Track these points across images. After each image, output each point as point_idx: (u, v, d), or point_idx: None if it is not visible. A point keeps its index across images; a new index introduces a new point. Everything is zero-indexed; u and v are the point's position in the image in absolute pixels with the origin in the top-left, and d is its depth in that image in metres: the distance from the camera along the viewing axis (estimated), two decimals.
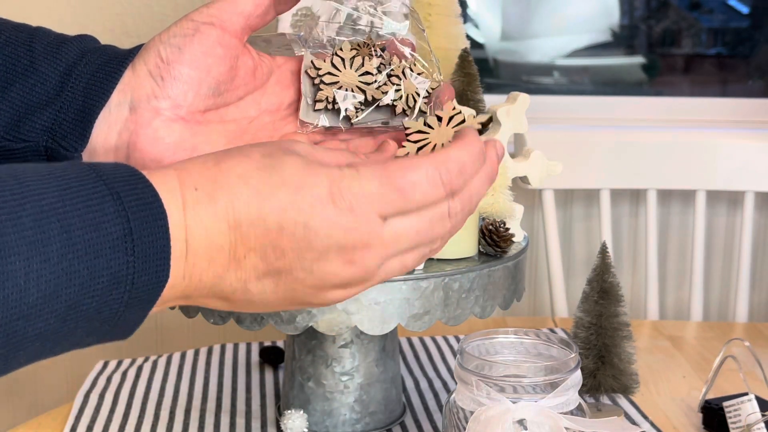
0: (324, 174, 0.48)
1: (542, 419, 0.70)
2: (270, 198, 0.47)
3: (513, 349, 0.78)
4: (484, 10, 1.96)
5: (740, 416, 0.91)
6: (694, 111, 1.69)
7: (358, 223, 0.48)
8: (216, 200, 0.46)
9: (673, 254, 1.66)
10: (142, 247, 0.44)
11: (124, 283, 0.43)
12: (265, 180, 0.47)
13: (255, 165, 0.47)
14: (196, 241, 0.46)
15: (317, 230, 0.47)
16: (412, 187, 0.49)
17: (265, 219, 0.47)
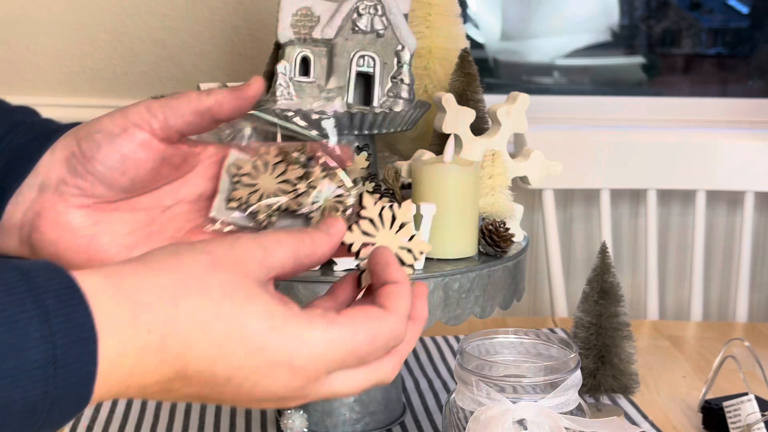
0: (290, 336, 0.47)
1: (542, 419, 0.70)
2: (227, 355, 0.45)
3: (513, 349, 0.78)
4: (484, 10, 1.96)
5: (740, 416, 0.91)
6: (694, 111, 1.69)
7: (306, 383, 0.48)
8: (167, 348, 0.44)
9: (673, 254, 1.66)
10: (64, 375, 0.41)
11: (40, 412, 0.41)
12: (225, 333, 0.45)
13: (215, 311, 0.45)
14: (131, 378, 0.44)
15: (265, 388, 0.47)
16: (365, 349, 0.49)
17: (216, 373, 0.46)
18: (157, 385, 0.45)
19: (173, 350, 0.45)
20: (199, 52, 1.50)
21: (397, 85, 0.95)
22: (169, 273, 0.46)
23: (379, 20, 0.95)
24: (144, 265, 0.46)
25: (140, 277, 0.45)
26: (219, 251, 0.48)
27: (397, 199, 0.92)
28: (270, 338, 0.46)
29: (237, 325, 0.46)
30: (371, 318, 0.50)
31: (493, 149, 0.96)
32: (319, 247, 0.52)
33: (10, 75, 1.52)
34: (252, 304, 0.47)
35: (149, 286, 0.45)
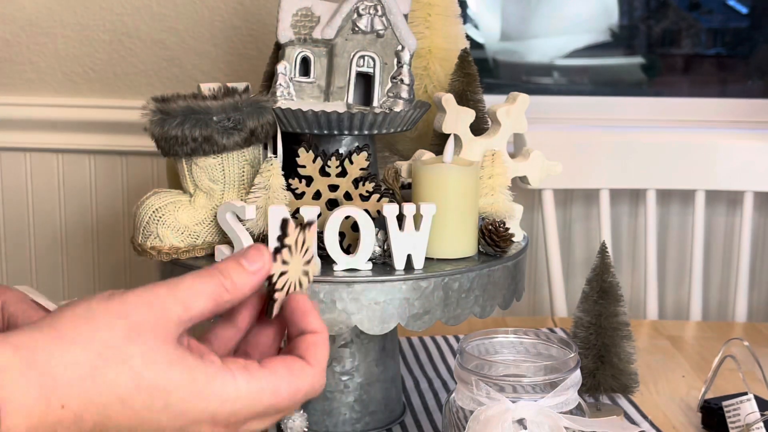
0: (213, 400, 0.46)
1: (542, 419, 0.70)
2: (150, 422, 0.45)
3: (513, 349, 0.78)
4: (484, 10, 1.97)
5: (739, 416, 0.91)
6: (693, 111, 1.69)
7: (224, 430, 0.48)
8: (83, 421, 0.43)
9: (672, 254, 1.66)
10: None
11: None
12: (147, 404, 0.45)
13: (137, 383, 0.44)
14: None
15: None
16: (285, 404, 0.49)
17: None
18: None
19: (90, 421, 0.43)
20: (199, 52, 1.50)
21: (397, 86, 0.96)
22: (85, 345, 0.44)
23: (379, 20, 0.95)
24: (57, 335, 0.44)
25: (53, 351, 0.43)
26: (136, 315, 0.46)
27: (397, 199, 0.92)
28: (193, 402, 0.46)
29: (159, 394, 0.45)
30: (293, 373, 0.49)
31: (493, 149, 0.96)
32: (241, 289, 0.50)
33: (10, 75, 1.52)
34: (174, 371, 0.46)
35: (64, 362, 0.43)
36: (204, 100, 0.87)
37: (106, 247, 1.57)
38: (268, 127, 0.90)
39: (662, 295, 1.67)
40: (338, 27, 0.95)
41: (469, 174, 0.90)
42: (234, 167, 0.90)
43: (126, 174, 1.55)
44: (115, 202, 1.56)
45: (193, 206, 0.91)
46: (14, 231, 1.57)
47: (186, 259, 0.89)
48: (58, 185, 1.56)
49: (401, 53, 0.96)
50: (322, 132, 0.92)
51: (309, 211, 0.85)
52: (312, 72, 0.96)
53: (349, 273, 0.84)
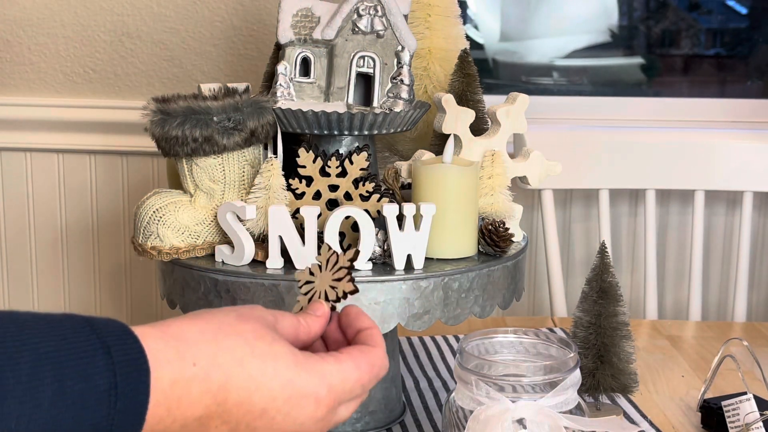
0: (313, 371, 0.54)
1: (542, 418, 0.70)
2: (262, 387, 0.52)
3: (512, 349, 0.79)
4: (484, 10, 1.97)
5: (739, 415, 0.91)
6: (692, 111, 1.69)
7: (326, 414, 0.55)
8: (211, 379, 0.50)
9: (671, 254, 1.67)
10: (124, 402, 0.47)
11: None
12: (260, 369, 0.52)
13: (250, 350, 0.52)
14: (179, 409, 0.50)
15: (294, 419, 0.53)
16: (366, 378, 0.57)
17: (253, 404, 0.52)
18: (198, 421, 0.51)
19: (216, 382, 0.51)
20: (200, 52, 1.50)
21: (397, 86, 0.96)
22: (206, 321, 0.53)
23: (379, 21, 0.95)
24: (182, 317, 0.53)
25: (182, 323, 0.52)
26: (243, 310, 0.56)
27: (397, 199, 0.92)
28: (297, 372, 0.53)
29: (270, 361, 0.53)
30: (365, 353, 0.58)
31: (493, 149, 0.96)
32: (312, 328, 0.60)
33: (11, 75, 1.52)
34: (278, 345, 0.54)
35: (191, 330, 0.52)
36: (204, 101, 0.88)
37: (107, 247, 1.58)
38: (268, 128, 0.91)
39: (662, 295, 1.67)
40: (338, 27, 0.95)
41: (469, 174, 0.90)
42: (234, 167, 0.91)
43: (126, 174, 1.55)
44: (116, 202, 1.56)
45: (193, 206, 0.91)
46: (15, 231, 1.58)
47: (186, 259, 0.90)
48: (58, 185, 1.56)
49: (401, 54, 0.96)
50: (322, 132, 0.92)
51: (309, 211, 0.85)
52: (312, 72, 0.97)
53: None
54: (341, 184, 0.90)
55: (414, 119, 0.96)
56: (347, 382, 0.56)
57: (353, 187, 0.90)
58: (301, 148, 0.90)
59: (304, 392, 0.53)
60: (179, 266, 0.89)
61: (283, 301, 0.84)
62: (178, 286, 0.90)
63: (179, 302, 0.90)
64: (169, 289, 0.92)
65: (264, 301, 0.84)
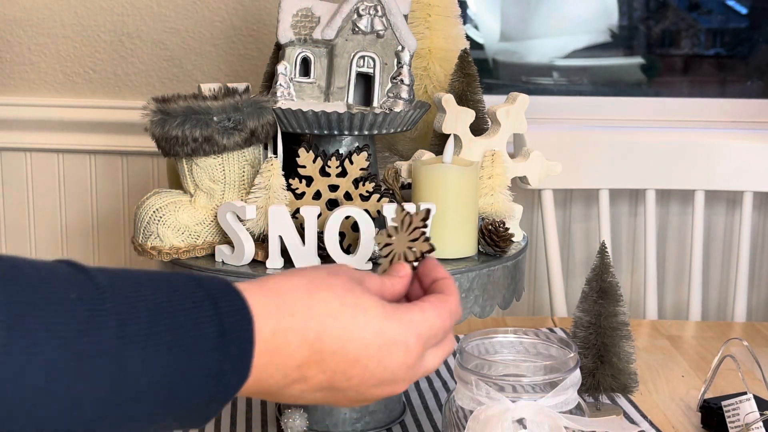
0: (401, 320, 0.57)
1: (542, 418, 0.70)
2: (355, 337, 0.55)
3: (512, 349, 0.79)
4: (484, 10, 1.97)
5: (739, 415, 0.91)
6: (692, 111, 1.69)
7: (416, 361, 0.58)
8: (308, 330, 0.54)
9: (671, 254, 1.67)
10: (232, 348, 0.50)
11: (213, 379, 0.50)
12: (351, 319, 0.55)
13: (341, 302, 0.56)
14: (280, 357, 0.53)
15: (387, 366, 0.57)
16: (448, 323, 0.61)
17: (347, 352, 0.55)
18: (298, 370, 0.54)
19: (312, 331, 0.54)
20: (200, 52, 1.50)
21: (397, 86, 0.96)
22: (299, 277, 0.57)
23: (379, 21, 0.95)
24: (276, 275, 0.57)
25: (277, 279, 0.56)
26: (332, 268, 0.59)
27: (397, 199, 0.92)
28: (387, 322, 0.56)
29: (360, 312, 0.56)
30: (444, 301, 0.61)
31: (493, 149, 0.96)
32: (396, 288, 0.64)
33: (11, 75, 1.52)
34: (367, 297, 0.57)
35: (287, 284, 0.55)
36: (204, 101, 0.88)
37: (107, 247, 1.58)
38: (268, 128, 0.91)
39: (662, 295, 1.67)
40: (338, 27, 0.95)
41: (469, 174, 0.90)
42: (234, 167, 0.91)
43: (126, 174, 1.55)
44: (116, 202, 1.56)
45: (193, 206, 0.91)
46: (15, 230, 1.58)
47: (186, 259, 0.90)
48: (58, 185, 1.56)
49: (401, 54, 0.96)
50: (322, 132, 0.92)
51: (309, 211, 0.85)
52: (312, 72, 0.97)
53: None
54: (341, 184, 0.90)
55: (414, 119, 0.96)
56: (432, 328, 0.59)
57: (353, 187, 0.90)
58: (301, 148, 0.90)
59: (395, 340, 0.56)
60: (179, 266, 0.89)
61: None
62: None
63: None
64: None
65: None
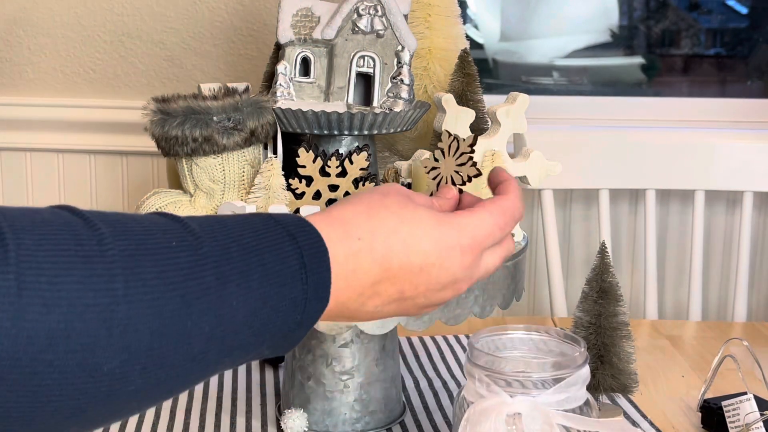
0: (453, 225, 0.62)
1: (537, 414, 0.70)
2: (416, 248, 0.60)
3: (523, 346, 0.79)
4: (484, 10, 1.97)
5: (739, 416, 0.91)
6: (692, 111, 1.69)
7: (473, 261, 0.62)
8: (375, 250, 0.59)
9: (672, 254, 1.66)
10: (313, 278, 0.55)
11: (300, 306, 0.54)
12: (411, 233, 0.60)
13: (399, 219, 0.60)
14: (354, 279, 0.58)
15: (448, 269, 0.61)
16: (501, 229, 0.65)
17: (411, 264, 0.60)
18: (371, 288, 0.59)
19: (379, 251, 0.59)
20: (200, 52, 1.50)
21: (397, 86, 0.96)
22: (356, 203, 0.61)
23: (379, 21, 0.95)
24: (335, 205, 0.62)
25: (340, 208, 0.61)
26: (382, 189, 0.64)
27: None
28: (441, 229, 0.61)
29: (417, 225, 0.60)
30: (496, 201, 0.66)
31: (493, 149, 0.96)
32: (444, 208, 0.68)
33: (11, 75, 1.52)
34: (419, 210, 0.62)
35: (348, 211, 0.60)
36: (204, 101, 0.88)
37: None
38: (268, 127, 0.91)
39: (662, 295, 1.67)
40: (338, 27, 0.95)
41: None
42: (234, 167, 0.91)
43: (126, 174, 1.55)
44: (116, 202, 1.56)
45: (193, 206, 0.91)
46: None
47: None
48: (58, 185, 1.56)
49: (401, 53, 0.96)
50: (322, 132, 0.92)
51: (309, 211, 0.85)
52: (312, 72, 0.96)
53: None
54: (341, 184, 0.90)
55: (414, 119, 0.96)
56: (484, 227, 0.63)
57: (353, 187, 0.90)
58: (301, 148, 0.90)
59: (450, 245, 0.61)
60: None
61: None
62: None
63: None
64: None
65: None
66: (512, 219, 0.66)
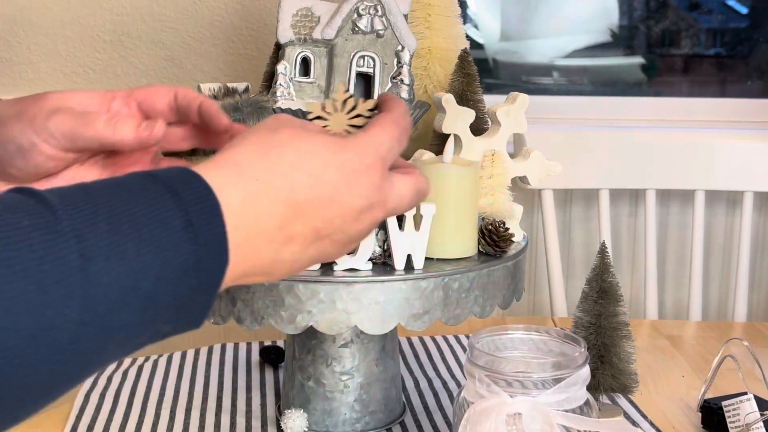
0: (352, 147, 0.57)
1: (537, 414, 0.70)
2: (321, 179, 0.55)
3: (523, 346, 0.79)
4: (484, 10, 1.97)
5: (739, 416, 0.91)
6: (693, 111, 1.69)
7: (381, 179, 0.58)
8: (276, 187, 0.53)
9: (672, 254, 1.66)
10: (203, 236, 0.49)
11: (192, 271, 0.48)
12: (312, 163, 0.55)
13: (296, 152, 0.55)
14: (258, 226, 0.52)
15: (359, 194, 0.57)
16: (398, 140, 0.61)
17: (320, 195, 0.55)
18: (281, 232, 0.54)
19: (280, 189, 0.54)
20: (200, 52, 1.50)
21: (397, 86, 0.96)
22: (246, 144, 0.56)
23: (379, 21, 0.95)
24: (225, 149, 0.56)
25: (228, 152, 0.55)
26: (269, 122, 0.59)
27: None
28: (342, 154, 0.57)
29: (316, 156, 0.56)
30: (384, 115, 0.62)
31: (493, 149, 0.96)
32: None
33: (10, 75, 1.52)
34: (315, 138, 0.57)
35: (238, 153, 0.55)
36: None
37: None
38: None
39: (662, 295, 1.67)
40: (338, 27, 0.95)
41: (469, 174, 0.90)
42: None
43: None
44: None
45: None
46: None
47: None
48: None
49: (401, 53, 0.96)
50: None
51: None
52: (312, 72, 0.96)
53: (350, 273, 0.84)
54: None
55: (414, 119, 0.96)
56: (382, 142, 0.59)
57: None
58: None
59: (355, 167, 0.57)
60: None
61: (283, 301, 0.84)
62: None
63: None
64: None
65: (264, 301, 0.84)
66: (404, 130, 0.62)
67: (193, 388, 1.08)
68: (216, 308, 0.86)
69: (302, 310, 0.83)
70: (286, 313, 0.84)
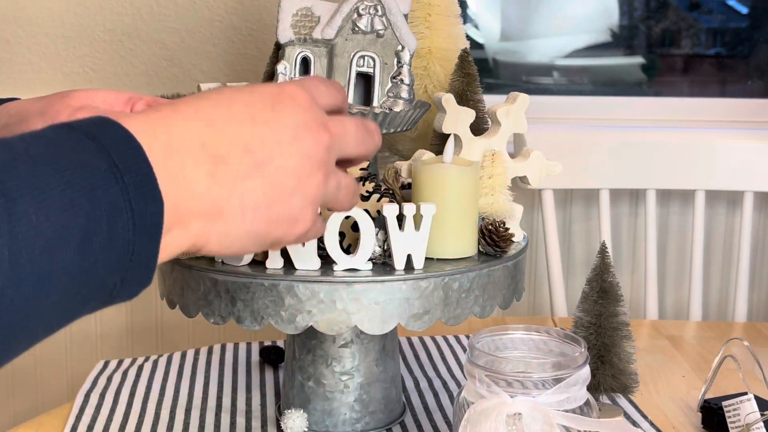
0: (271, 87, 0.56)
1: (537, 415, 0.70)
2: (233, 101, 0.53)
3: (524, 346, 0.79)
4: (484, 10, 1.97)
5: (739, 416, 0.91)
6: (693, 111, 1.69)
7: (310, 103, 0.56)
8: (186, 114, 0.52)
9: (672, 254, 1.66)
10: (130, 175, 0.47)
11: (125, 210, 0.46)
12: (218, 100, 0.53)
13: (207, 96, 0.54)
14: (172, 141, 0.50)
15: (286, 111, 0.54)
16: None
17: (236, 115, 0.53)
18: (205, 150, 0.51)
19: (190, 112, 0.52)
20: (199, 52, 1.50)
21: (397, 86, 0.96)
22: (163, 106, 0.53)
23: (379, 20, 0.95)
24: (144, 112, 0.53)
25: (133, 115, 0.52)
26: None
27: (397, 199, 0.92)
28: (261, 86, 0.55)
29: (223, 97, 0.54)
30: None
31: (493, 149, 0.96)
32: None
33: (10, 75, 1.52)
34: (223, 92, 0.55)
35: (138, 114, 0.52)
36: None
37: None
38: None
39: (662, 295, 1.67)
40: (338, 27, 0.95)
41: (469, 174, 0.90)
42: None
43: None
44: None
45: None
46: None
47: (186, 259, 0.89)
48: None
49: (401, 53, 0.96)
50: None
51: None
52: (312, 72, 0.96)
53: (349, 273, 0.84)
54: None
55: (414, 119, 0.96)
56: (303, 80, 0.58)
57: None
58: None
59: (273, 92, 0.55)
60: (178, 266, 0.89)
61: (283, 301, 0.84)
62: (178, 286, 0.90)
63: (179, 302, 0.90)
64: (169, 289, 0.91)
65: (264, 301, 0.84)
66: (333, 83, 0.61)
67: (193, 388, 1.08)
68: (216, 308, 0.86)
69: (302, 310, 0.83)
70: (286, 313, 0.84)
